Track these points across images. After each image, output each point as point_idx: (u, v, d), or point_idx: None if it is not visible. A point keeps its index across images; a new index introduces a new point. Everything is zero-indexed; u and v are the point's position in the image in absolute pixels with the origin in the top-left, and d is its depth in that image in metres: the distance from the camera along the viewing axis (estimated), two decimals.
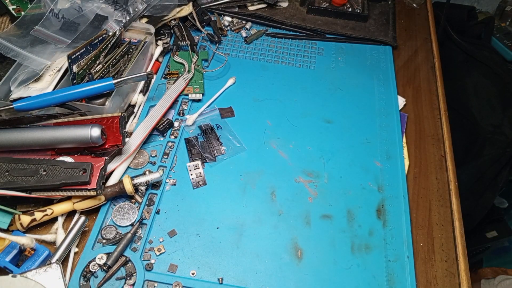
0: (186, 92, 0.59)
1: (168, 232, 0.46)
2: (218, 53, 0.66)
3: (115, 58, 0.56)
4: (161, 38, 0.65)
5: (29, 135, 0.46)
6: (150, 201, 0.48)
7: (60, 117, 0.50)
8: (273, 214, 0.49)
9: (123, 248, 0.43)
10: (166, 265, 0.44)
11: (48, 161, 0.45)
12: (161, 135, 0.55)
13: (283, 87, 0.62)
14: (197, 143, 0.54)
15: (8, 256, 0.40)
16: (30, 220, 0.44)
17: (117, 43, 0.58)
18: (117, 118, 0.49)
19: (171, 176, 0.51)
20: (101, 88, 0.51)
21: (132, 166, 0.51)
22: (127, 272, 0.43)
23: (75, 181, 0.44)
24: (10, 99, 0.52)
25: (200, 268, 0.44)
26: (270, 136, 0.56)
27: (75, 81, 0.53)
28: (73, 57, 0.52)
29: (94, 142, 0.46)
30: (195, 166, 0.51)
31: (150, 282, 0.42)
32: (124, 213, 0.47)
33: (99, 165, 0.45)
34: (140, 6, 0.61)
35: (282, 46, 0.69)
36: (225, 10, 0.71)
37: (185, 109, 0.58)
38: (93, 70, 0.54)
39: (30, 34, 0.55)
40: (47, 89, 0.53)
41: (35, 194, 0.44)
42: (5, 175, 0.44)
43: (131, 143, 0.51)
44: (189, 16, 0.68)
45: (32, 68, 0.53)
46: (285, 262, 0.45)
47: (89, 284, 0.42)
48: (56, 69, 0.54)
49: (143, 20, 0.63)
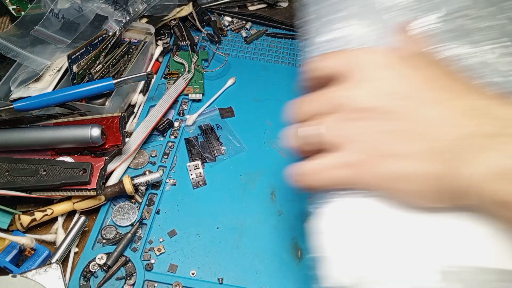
0: (186, 92, 0.59)
1: (168, 232, 0.46)
2: (218, 53, 0.66)
3: (115, 58, 0.56)
4: (161, 38, 0.65)
5: (29, 135, 0.46)
6: (150, 201, 0.48)
7: (60, 117, 0.50)
8: (273, 214, 0.49)
9: (123, 248, 0.44)
10: (166, 265, 0.44)
11: (48, 161, 0.45)
12: (161, 135, 0.55)
13: (283, 87, 0.62)
14: (197, 143, 0.54)
15: (8, 256, 0.40)
16: (30, 220, 0.44)
17: (117, 43, 0.58)
18: (117, 118, 0.49)
19: (171, 176, 0.51)
20: (101, 88, 0.51)
21: (132, 166, 0.51)
22: (127, 272, 0.43)
23: (75, 181, 0.44)
24: (10, 99, 0.51)
25: (200, 268, 0.44)
26: (270, 136, 0.56)
27: (75, 81, 0.53)
28: (73, 57, 0.52)
29: (94, 142, 0.46)
30: (195, 166, 0.51)
31: (150, 282, 0.42)
32: (124, 213, 0.47)
33: (99, 165, 0.45)
34: (140, 6, 0.61)
35: (282, 46, 0.69)
36: (225, 10, 0.71)
37: (185, 109, 0.58)
38: (93, 70, 0.54)
39: (30, 34, 0.55)
40: (47, 89, 0.53)
41: (35, 194, 0.44)
42: (5, 175, 0.44)
43: (131, 143, 0.51)
44: (189, 16, 0.68)
45: (32, 68, 0.53)
46: (285, 262, 0.45)
47: (89, 284, 0.42)
48: (56, 69, 0.54)
49: (143, 20, 0.63)
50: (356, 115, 0.28)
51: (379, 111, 0.27)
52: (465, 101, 0.26)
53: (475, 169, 0.24)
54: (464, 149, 0.25)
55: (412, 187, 0.27)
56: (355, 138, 0.28)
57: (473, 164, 0.24)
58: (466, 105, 0.25)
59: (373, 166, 0.28)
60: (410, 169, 0.27)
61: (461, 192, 0.25)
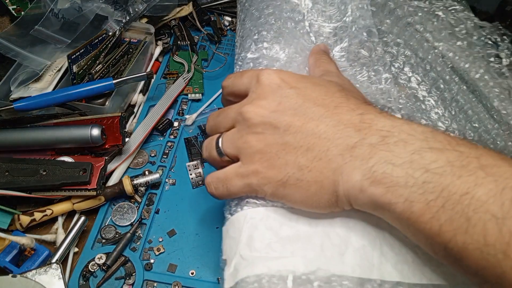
0: (186, 92, 0.59)
1: (168, 232, 0.46)
2: (217, 53, 0.66)
3: (115, 58, 0.56)
4: (161, 38, 0.65)
5: (29, 135, 0.46)
6: (150, 201, 0.49)
7: (60, 117, 0.50)
8: None
9: (123, 248, 0.44)
10: (165, 264, 0.44)
11: (48, 161, 0.45)
12: (160, 135, 0.55)
13: None
14: (197, 143, 0.54)
15: (8, 256, 0.41)
16: (30, 220, 0.44)
17: (117, 43, 0.58)
18: (117, 118, 0.49)
19: (171, 176, 0.51)
20: (101, 88, 0.51)
21: (131, 166, 0.51)
22: (127, 272, 0.43)
23: (75, 181, 0.44)
24: (10, 99, 0.52)
25: (199, 268, 0.44)
26: None
27: (75, 81, 0.53)
28: (73, 57, 0.52)
29: (94, 142, 0.46)
30: (194, 165, 0.51)
31: (150, 281, 0.43)
32: (124, 213, 0.47)
33: (99, 165, 0.46)
34: (140, 6, 0.61)
35: None
36: (225, 10, 0.71)
37: (185, 109, 0.58)
38: (93, 70, 0.54)
39: (30, 34, 0.55)
40: (47, 89, 0.53)
41: (35, 194, 0.44)
42: (5, 175, 0.44)
43: (131, 143, 0.51)
44: (189, 16, 0.68)
45: (32, 68, 0.53)
46: None
47: (88, 284, 0.42)
48: (56, 69, 0.54)
49: (143, 20, 0.63)
50: (250, 129, 0.31)
51: (270, 125, 0.30)
52: (354, 115, 0.29)
53: (355, 176, 0.27)
54: (351, 158, 0.28)
55: (303, 195, 0.30)
56: (247, 150, 0.31)
57: (354, 172, 0.27)
58: (355, 119, 0.29)
59: (265, 175, 0.30)
60: (301, 177, 0.30)
61: (347, 198, 0.28)
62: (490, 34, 0.48)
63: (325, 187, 0.29)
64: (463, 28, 0.48)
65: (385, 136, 0.27)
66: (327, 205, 0.30)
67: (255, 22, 0.47)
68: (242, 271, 0.30)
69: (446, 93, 0.46)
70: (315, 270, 0.29)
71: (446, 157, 0.25)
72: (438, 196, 0.24)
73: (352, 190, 0.28)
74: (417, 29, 0.48)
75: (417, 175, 0.25)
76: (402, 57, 0.47)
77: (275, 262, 0.29)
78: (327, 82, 0.33)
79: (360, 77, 0.42)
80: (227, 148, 0.33)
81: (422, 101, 0.45)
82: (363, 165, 0.27)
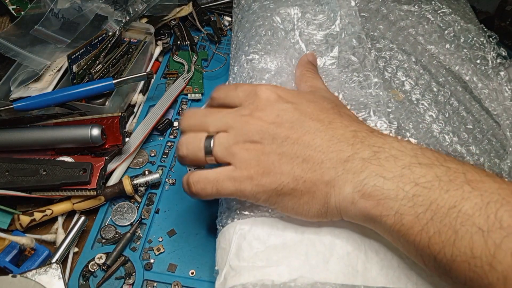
0: (186, 92, 0.59)
1: (168, 231, 0.46)
2: (217, 53, 0.66)
3: (115, 58, 0.56)
4: (161, 38, 0.65)
5: (29, 135, 0.46)
6: (150, 201, 0.49)
7: (60, 117, 0.50)
8: None
9: (122, 248, 0.44)
10: (165, 264, 0.44)
11: (48, 161, 0.45)
12: (160, 135, 0.55)
13: None
14: None
15: (8, 256, 0.41)
16: (30, 220, 0.44)
17: (117, 43, 0.58)
18: (117, 118, 0.49)
19: (171, 176, 0.51)
20: (101, 88, 0.51)
21: (131, 166, 0.51)
22: (126, 272, 0.43)
23: (75, 181, 0.44)
24: (10, 99, 0.52)
25: (199, 268, 0.44)
26: None
27: (75, 81, 0.53)
28: (73, 57, 0.52)
29: (94, 142, 0.46)
30: None
31: (149, 281, 0.43)
32: (124, 213, 0.47)
33: (99, 165, 0.46)
34: (140, 6, 0.61)
35: None
36: (225, 10, 0.71)
37: (185, 108, 0.58)
38: (93, 70, 0.54)
39: (29, 33, 0.55)
40: (47, 89, 0.53)
41: (35, 194, 0.44)
42: (5, 175, 0.44)
43: (131, 143, 0.51)
44: (189, 16, 0.68)
45: (32, 68, 0.53)
46: None
47: (88, 283, 0.42)
48: (56, 69, 0.54)
49: (143, 20, 0.63)
50: (248, 137, 0.32)
51: (269, 135, 0.31)
52: (347, 131, 0.31)
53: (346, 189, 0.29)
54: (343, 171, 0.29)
55: (295, 203, 0.31)
56: (243, 156, 0.32)
57: (346, 184, 0.29)
58: (348, 134, 0.30)
59: (260, 182, 0.31)
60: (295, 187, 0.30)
61: (338, 209, 0.30)
62: (476, 37, 0.49)
63: (316, 198, 0.30)
64: (451, 31, 0.49)
65: (376, 152, 0.28)
66: (317, 215, 0.31)
67: (247, 34, 0.48)
68: (230, 280, 0.31)
69: (440, 96, 0.46)
70: (298, 278, 0.30)
71: (434, 172, 0.26)
72: (427, 209, 0.25)
73: (344, 202, 0.29)
74: (410, 33, 0.49)
75: (407, 188, 0.26)
76: (396, 61, 0.48)
77: (260, 271, 0.30)
78: (320, 99, 0.34)
79: (351, 82, 0.42)
80: (218, 151, 0.33)
81: (416, 104, 0.45)
82: (354, 178, 0.28)
